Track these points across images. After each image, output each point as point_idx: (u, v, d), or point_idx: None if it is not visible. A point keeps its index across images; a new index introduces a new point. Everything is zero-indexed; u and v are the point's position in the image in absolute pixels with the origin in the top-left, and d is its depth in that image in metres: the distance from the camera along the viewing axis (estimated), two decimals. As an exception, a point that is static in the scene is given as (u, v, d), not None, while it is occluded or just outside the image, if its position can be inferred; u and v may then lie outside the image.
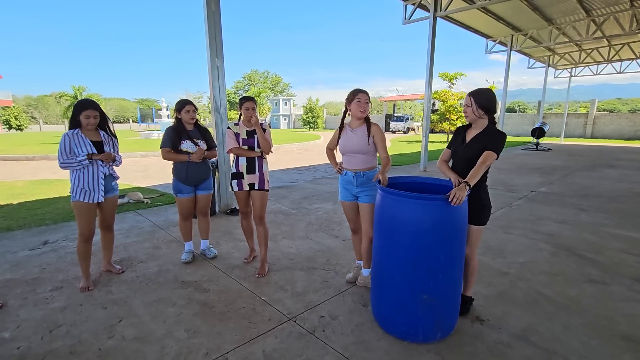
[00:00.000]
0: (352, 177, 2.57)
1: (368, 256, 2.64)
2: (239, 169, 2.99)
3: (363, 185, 2.56)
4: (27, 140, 20.24)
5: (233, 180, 3.03)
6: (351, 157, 2.57)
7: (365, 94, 2.53)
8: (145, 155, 12.24)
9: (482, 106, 2.14)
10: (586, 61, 17.87)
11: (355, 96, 2.51)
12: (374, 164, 2.59)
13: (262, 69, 70.21)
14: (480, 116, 2.17)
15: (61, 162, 2.54)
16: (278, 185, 7.02)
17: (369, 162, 2.56)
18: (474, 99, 2.16)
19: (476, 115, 2.17)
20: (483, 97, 2.16)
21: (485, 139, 2.14)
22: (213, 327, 2.24)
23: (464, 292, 2.37)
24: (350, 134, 2.58)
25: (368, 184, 2.55)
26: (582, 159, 11.94)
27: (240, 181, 3.00)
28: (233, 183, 3.03)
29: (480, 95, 2.16)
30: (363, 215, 2.61)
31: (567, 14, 10.93)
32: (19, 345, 2.04)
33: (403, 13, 9.44)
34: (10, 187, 6.73)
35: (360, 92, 2.52)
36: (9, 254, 3.40)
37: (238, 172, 2.99)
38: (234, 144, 2.95)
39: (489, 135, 2.15)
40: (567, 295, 2.66)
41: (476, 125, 2.23)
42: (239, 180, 3.00)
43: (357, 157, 2.54)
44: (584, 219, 4.71)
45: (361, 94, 2.51)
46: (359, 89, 2.55)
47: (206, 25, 4.51)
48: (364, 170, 2.55)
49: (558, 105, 50.89)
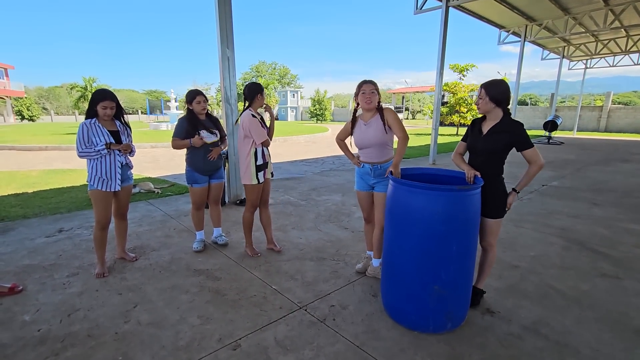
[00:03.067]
0: (370, 169, 2.58)
1: (379, 245, 2.66)
2: (266, 159, 2.99)
3: (380, 177, 2.58)
4: (39, 130, 20.58)
5: (260, 172, 2.95)
6: (368, 151, 2.57)
7: (369, 84, 2.50)
8: (154, 146, 12.37)
9: (495, 98, 2.11)
10: (602, 52, 17.38)
11: (360, 88, 2.51)
12: (391, 156, 2.59)
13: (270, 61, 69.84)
14: (493, 107, 2.14)
15: (80, 151, 2.59)
16: (286, 177, 7.04)
17: (386, 154, 2.56)
18: (486, 90, 2.13)
19: (489, 107, 2.14)
20: (496, 89, 2.12)
21: (505, 131, 2.11)
22: (225, 314, 2.28)
23: (476, 284, 2.37)
24: (364, 128, 2.56)
25: (384, 174, 2.57)
26: (596, 152, 11.71)
27: (264, 172, 3.01)
28: (260, 175, 2.95)
29: (493, 87, 2.13)
30: (377, 205, 2.63)
31: (584, 3, 10.60)
32: (40, 328, 2.11)
33: (414, 2, 9.26)
34: (25, 176, 6.88)
35: (364, 84, 2.51)
36: (26, 241, 3.49)
37: (265, 163, 2.98)
38: (266, 134, 2.94)
39: (509, 127, 2.11)
40: (579, 289, 2.64)
41: (490, 117, 2.19)
42: (264, 171, 3.01)
43: (374, 150, 2.54)
44: (597, 213, 4.64)
45: (365, 85, 2.50)
46: (364, 80, 2.53)
47: (217, 16, 4.50)
48: (381, 163, 2.55)
49: (571, 98, 49.72)
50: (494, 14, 11.58)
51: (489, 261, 2.35)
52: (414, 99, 50.45)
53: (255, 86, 2.97)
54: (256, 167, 2.94)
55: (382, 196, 2.59)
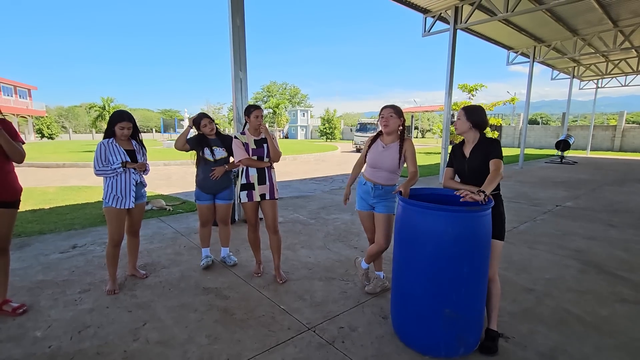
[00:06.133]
0: (371, 188, 2.62)
1: (375, 258, 2.77)
2: (250, 180, 2.93)
3: (379, 197, 2.61)
4: (58, 148, 21.25)
5: (242, 192, 2.95)
6: (377, 172, 2.60)
7: (388, 108, 2.57)
8: (167, 164, 12.61)
9: (475, 122, 2.21)
10: (613, 72, 17.31)
11: (380, 112, 2.59)
12: (395, 182, 2.63)
13: (281, 81, 71.55)
14: (469, 128, 2.23)
15: (97, 170, 2.68)
16: (296, 195, 7.07)
17: (391, 179, 2.61)
18: (466, 113, 2.22)
19: (465, 127, 2.22)
20: (475, 114, 2.22)
21: (485, 148, 2.16)
22: (233, 334, 2.27)
23: (489, 326, 2.20)
24: (381, 150, 2.59)
25: (384, 196, 2.60)
26: (611, 172, 11.46)
27: (250, 192, 2.94)
28: (242, 194, 2.95)
29: (472, 113, 2.22)
30: (377, 226, 2.65)
31: (593, 25, 10.67)
32: (50, 344, 2.13)
33: (422, 25, 9.48)
34: (42, 192, 7.07)
35: (384, 108, 2.58)
36: (41, 257, 3.56)
37: (249, 183, 2.93)
38: (244, 154, 2.91)
39: (487, 145, 2.17)
40: (597, 315, 2.55)
41: (469, 139, 2.27)
42: (250, 192, 2.94)
43: (383, 173, 2.58)
44: (614, 235, 4.51)
45: (384, 109, 2.57)
46: (386, 105, 2.61)
47: (231, 40, 4.68)
48: (383, 185, 2.59)
49: (583, 117, 49.24)
50: (502, 35, 11.72)
51: (495, 293, 2.19)
52: (423, 118, 50.67)
53: (246, 109, 2.98)
54: (240, 185, 2.97)
55: (382, 217, 2.60)
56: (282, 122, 42.43)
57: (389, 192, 2.59)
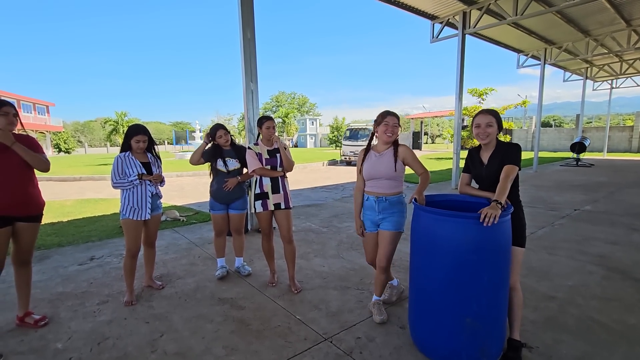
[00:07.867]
0: (374, 201, 2.44)
1: (381, 285, 2.57)
2: (264, 189, 2.96)
3: (385, 211, 2.42)
4: (74, 162, 21.80)
5: (257, 202, 2.97)
6: (376, 182, 2.45)
7: (394, 117, 2.42)
8: (180, 175, 12.80)
9: (501, 128, 2.16)
10: (628, 72, 16.95)
11: (383, 119, 2.41)
12: (400, 190, 2.48)
13: (289, 91, 72.24)
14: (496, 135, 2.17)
15: (114, 182, 2.74)
16: (307, 204, 7.07)
17: (395, 187, 2.44)
18: (498, 121, 2.14)
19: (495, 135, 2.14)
20: (501, 119, 2.18)
21: (503, 153, 2.09)
22: (250, 345, 2.26)
23: (511, 335, 2.11)
24: (374, 159, 2.46)
25: (391, 209, 2.42)
26: (630, 174, 11.14)
27: (265, 201, 2.96)
28: (257, 204, 2.97)
29: (500, 118, 2.17)
30: (380, 243, 2.46)
31: (605, 25, 10.51)
32: (71, 356, 2.16)
33: (430, 32, 9.49)
34: (60, 205, 7.25)
35: (388, 115, 2.42)
36: (60, 269, 3.63)
37: (263, 193, 2.96)
38: (257, 164, 2.95)
39: (505, 149, 2.10)
40: (625, 323, 2.45)
41: (487, 145, 2.17)
42: (264, 201, 2.96)
43: (382, 181, 2.43)
44: (637, 239, 4.36)
45: (390, 116, 2.41)
46: (388, 111, 2.45)
47: (242, 52, 4.77)
48: (387, 195, 2.42)
49: (598, 118, 48.14)
50: (512, 39, 11.64)
51: (517, 302, 2.11)
52: (432, 124, 50.37)
53: (259, 120, 3.06)
54: (255, 195, 3.00)
55: (387, 235, 2.41)
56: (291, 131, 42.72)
57: (395, 204, 2.42)
